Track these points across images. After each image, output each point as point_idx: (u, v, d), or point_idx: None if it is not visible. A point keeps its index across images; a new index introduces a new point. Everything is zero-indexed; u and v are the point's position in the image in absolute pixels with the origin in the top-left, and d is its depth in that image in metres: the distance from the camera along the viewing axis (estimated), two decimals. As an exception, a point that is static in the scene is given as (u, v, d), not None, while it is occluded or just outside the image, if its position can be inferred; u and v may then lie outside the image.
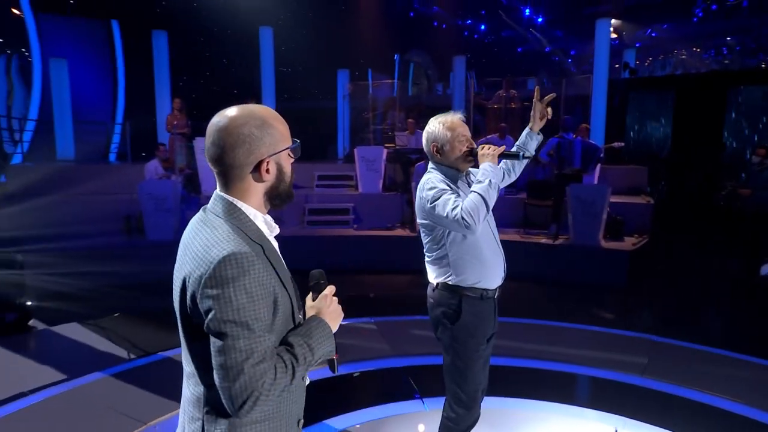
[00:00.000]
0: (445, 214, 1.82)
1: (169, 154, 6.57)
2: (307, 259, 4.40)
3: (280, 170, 1.08)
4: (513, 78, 8.73)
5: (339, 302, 1.17)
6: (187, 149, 6.85)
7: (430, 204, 1.89)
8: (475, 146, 1.98)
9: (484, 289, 2.04)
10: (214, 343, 0.91)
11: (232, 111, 1.01)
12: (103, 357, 3.58)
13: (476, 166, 1.99)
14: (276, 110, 1.06)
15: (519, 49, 13.84)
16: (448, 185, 1.95)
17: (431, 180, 1.96)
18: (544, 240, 6.19)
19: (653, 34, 14.16)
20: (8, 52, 8.82)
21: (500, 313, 2.09)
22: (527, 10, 13.15)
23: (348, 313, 1.25)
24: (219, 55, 8.93)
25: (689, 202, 6.34)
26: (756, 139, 8.02)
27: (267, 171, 1.03)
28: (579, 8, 10.12)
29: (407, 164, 7.47)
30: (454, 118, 2.02)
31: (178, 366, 1.11)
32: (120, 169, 8.14)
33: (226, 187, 1.04)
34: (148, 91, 8.46)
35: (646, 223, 6.60)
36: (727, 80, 8.35)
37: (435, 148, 1.98)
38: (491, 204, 1.84)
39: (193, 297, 0.93)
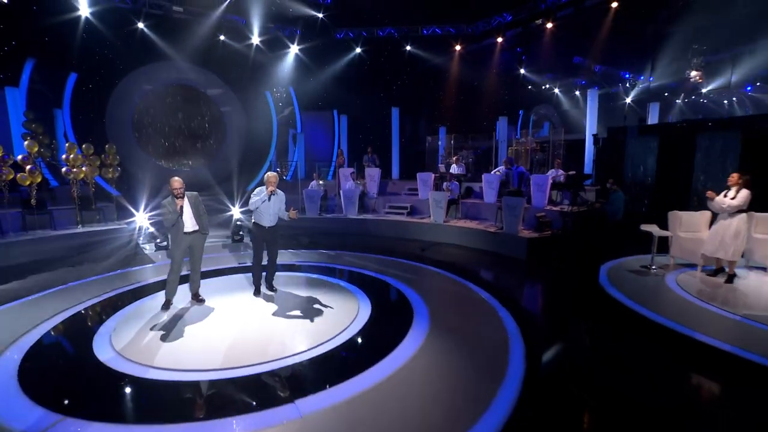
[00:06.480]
0: (251, 201, 5.15)
1: (319, 177, 12.62)
2: (385, 231, 10.41)
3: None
4: (537, 130, 11.73)
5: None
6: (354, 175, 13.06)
7: (253, 194, 5.20)
8: (274, 188, 5.19)
9: (260, 224, 5.29)
10: None
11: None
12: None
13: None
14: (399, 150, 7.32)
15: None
16: (263, 194, 5.13)
17: (259, 189, 5.23)
18: (492, 229, 9.58)
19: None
20: (293, 131, 17.46)
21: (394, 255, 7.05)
22: (627, 75, 15.02)
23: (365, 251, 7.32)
24: (364, 124, 15.20)
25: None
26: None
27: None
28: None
29: (442, 181, 11.72)
30: (271, 173, 5.20)
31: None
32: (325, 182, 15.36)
33: None
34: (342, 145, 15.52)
35: (568, 224, 9.02)
36: (696, 128, 9.27)
37: (263, 179, 5.25)
38: (252, 204, 5.20)
39: None
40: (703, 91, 20.07)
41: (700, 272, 6.56)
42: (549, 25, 12.91)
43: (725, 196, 5.93)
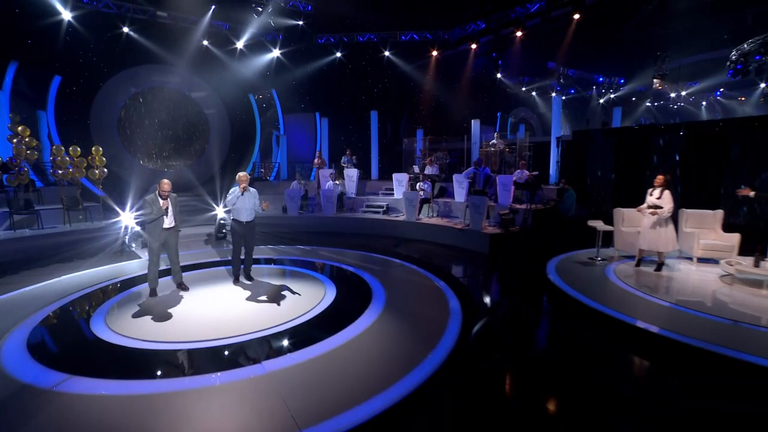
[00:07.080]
0: (228, 200, 5.93)
1: (300, 177, 13.40)
2: (361, 228, 10.96)
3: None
4: (503, 133, 12.58)
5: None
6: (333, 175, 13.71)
7: (228, 194, 6.03)
8: (245, 185, 5.92)
9: (239, 220, 6.02)
10: None
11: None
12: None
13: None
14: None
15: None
16: (237, 191, 5.86)
17: (233, 189, 5.95)
18: (460, 226, 10.38)
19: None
20: (276, 133, 18.10)
21: (366, 249, 7.96)
22: (600, 79, 16.11)
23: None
24: (345, 126, 15.96)
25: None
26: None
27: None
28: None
29: (416, 181, 12.51)
30: (241, 173, 5.93)
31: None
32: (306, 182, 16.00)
33: None
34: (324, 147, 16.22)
35: (527, 221, 9.88)
36: (650, 131, 10.30)
37: (236, 179, 6.06)
38: (228, 202, 5.93)
39: None
40: (672, 95, 21.26)
41: (636, 263, 7.42)
42: (519, 34, 13.78)
43: (651, 194, 6.79)
